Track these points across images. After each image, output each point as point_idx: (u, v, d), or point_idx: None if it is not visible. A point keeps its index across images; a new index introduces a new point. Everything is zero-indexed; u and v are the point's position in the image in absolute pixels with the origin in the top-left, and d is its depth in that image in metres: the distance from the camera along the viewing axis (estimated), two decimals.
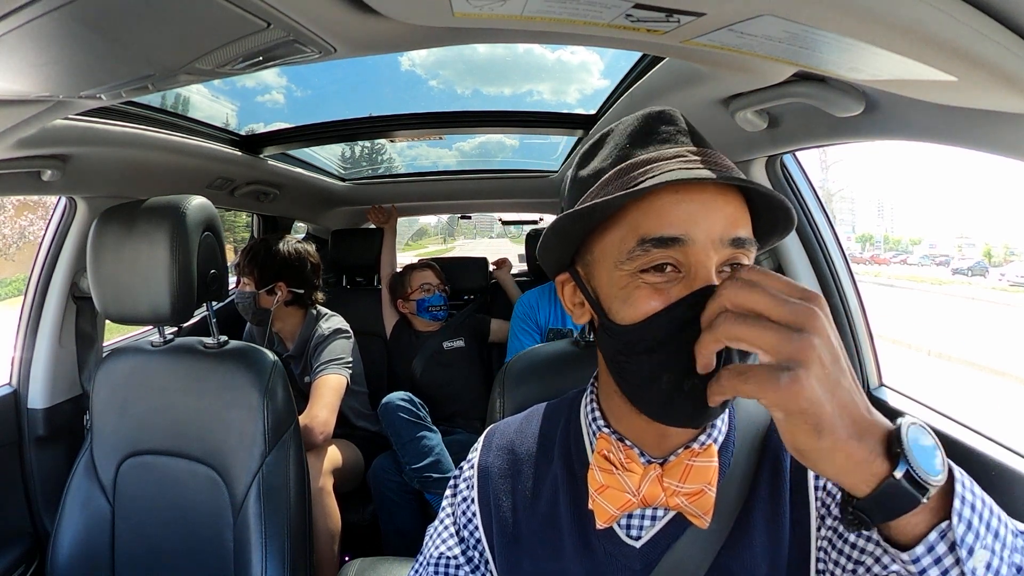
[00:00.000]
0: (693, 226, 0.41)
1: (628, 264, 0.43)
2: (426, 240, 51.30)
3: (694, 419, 0.43)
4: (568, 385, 0.65)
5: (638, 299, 0.43)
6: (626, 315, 0.44)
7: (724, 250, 0.42)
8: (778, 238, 0.48)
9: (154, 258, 0.94)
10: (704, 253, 0.41)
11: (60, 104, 0.71)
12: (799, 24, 0.41)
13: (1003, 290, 17.29)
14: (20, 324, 1.30)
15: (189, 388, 1.02)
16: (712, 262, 0.42)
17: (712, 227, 0.42)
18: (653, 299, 0.42)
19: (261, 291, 1.54)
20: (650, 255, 0.42)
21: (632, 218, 0.44)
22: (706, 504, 0.44)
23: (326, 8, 0.49)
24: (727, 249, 0.42)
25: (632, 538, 0.49)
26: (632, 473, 0.46)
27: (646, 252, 0.42)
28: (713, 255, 0.42)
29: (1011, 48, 0.38)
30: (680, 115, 0.49)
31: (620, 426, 0.51)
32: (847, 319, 1.02)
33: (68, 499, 1.02)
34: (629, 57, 1.06)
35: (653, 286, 0.43)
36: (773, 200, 0.43)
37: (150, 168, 1.24)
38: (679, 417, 0.43)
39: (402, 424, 1.49)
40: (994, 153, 0.55)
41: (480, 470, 0.58)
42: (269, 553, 0.93)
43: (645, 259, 0.42)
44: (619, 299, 0.45)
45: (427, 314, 1.95)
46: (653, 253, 0.42)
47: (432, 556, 0.57)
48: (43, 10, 0.42)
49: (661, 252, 0.42)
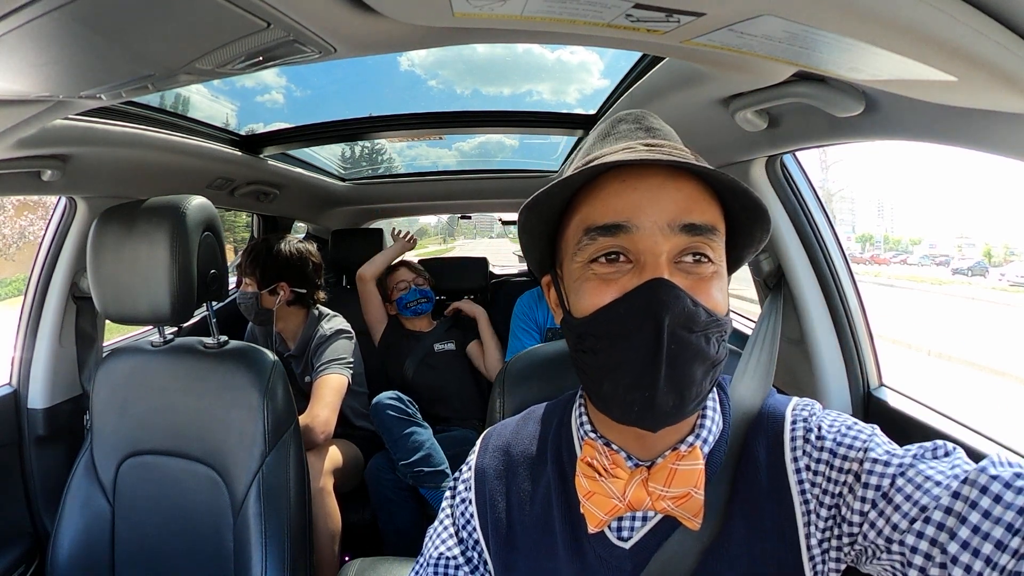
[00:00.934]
0: (638, 213, 0.41)
1: (579, 255, 0.44)
2: (426, 240, 51.28)
3: (648, 420, 0.42)
4: (568, 385, 0.65)
5: (587, 291, 0.44)
6: (579, 308, 0.44)
7: (676, 237, 0.42)
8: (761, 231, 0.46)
9: (154, 258, 0.94)
10: (651, 239, 0.41)
11: (60, 104, 0.71)
12: (799, 24, 0.41)
13: (1003, 290, 17.28)
14: (20, 324, 1.30)
15: (189, 388, 1.02)
16: (662, 249, 0.41)
17: (660, 213, 0.41)
18: (601, 291, 0.43)
19: (263, 291, 1.55)
20: (596, 243, 0.43)
21: (582, 211, 0.45)
22: (694, 507, 0.44)
23: (326, 8, 0.49)
24: (679, 236, 0.42)
25: (622, 540, 0.48)
26: (617, 479, 0.46)
27: (592, 241, 0.43)
28: (662, 242, 0.41)
29: (1011, 48, 0.38)
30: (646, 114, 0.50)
31: (605, 430, 0.50)
32: (847, 319, 1.02)
33: (68, 499, 1.02)
34: (629, 57, 1.06)
35: (602, 277, 0.43)
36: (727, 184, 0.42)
37: (150, 168, 1.24)
38: (632, 416, 0.42)
39: (392, 421, 1.50)
40: (994, 153, 0.55)
41: (477, 472, 0.58)
42: (269, 553, 0.93)
43: (592, 248, 0.43)
44: (574, 292, 0.45)
45: (408, 311, 1.97)
46: (599, 241, 0.43)
47: (432, 557, 0.57)
48: (43, 10, 0.42)
49: (607, 240, 0.42)
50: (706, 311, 0.42)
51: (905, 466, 0.41)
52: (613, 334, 0.42)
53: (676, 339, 0.40)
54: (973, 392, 6.64)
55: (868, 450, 0.43)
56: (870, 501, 0.41)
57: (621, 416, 0.44)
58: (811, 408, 0.50)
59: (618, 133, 0.48)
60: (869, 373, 1.02)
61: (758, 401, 0.52)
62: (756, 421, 0.50)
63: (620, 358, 0.42)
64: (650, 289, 0.40)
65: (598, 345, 0.43)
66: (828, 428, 0.47)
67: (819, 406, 0.51)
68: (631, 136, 0.47)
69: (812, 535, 0.45)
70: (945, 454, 0.42)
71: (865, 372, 1.02)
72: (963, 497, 0.37)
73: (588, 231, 0.43)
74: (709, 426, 0.49)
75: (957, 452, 0.42)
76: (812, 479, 0.46)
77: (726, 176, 0.41)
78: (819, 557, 0.44)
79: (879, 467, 0.42)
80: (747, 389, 0.54)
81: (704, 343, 0.42)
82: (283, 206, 2.09)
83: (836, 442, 0.45)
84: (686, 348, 0.41)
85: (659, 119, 0.50)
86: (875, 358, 1.04)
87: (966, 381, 7.17)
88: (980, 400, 6.28)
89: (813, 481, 0.45)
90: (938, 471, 0.40)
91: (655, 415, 0.41)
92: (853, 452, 0.44)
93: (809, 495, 0.45)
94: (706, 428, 0.49)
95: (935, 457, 0.42)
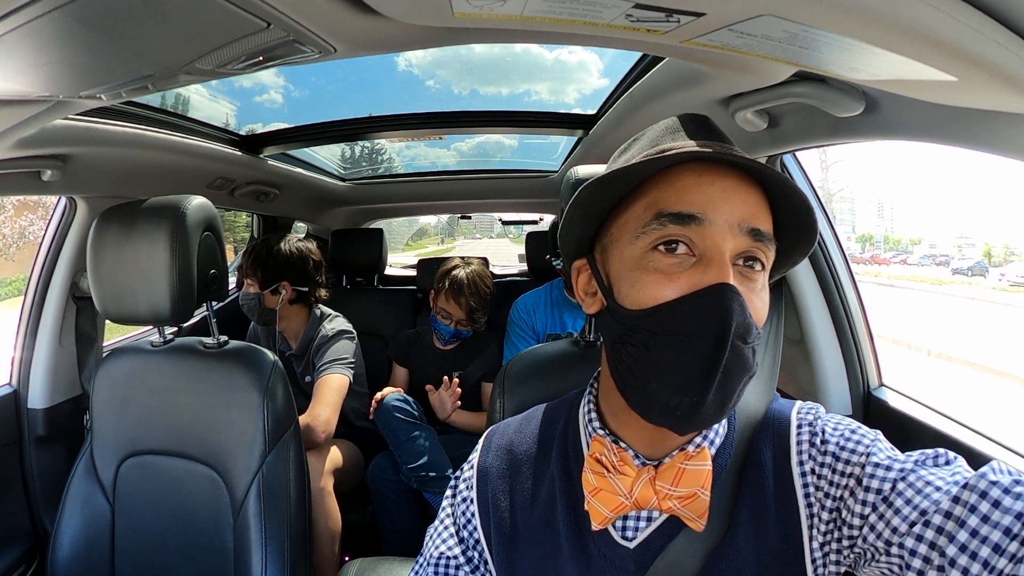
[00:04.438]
0: (712, 207, 0.41)
1: (642, 240, 0.43)
2: (426, 240, 51.28)
3: (680, 424, 0.42)
4: (568, 385, 0.65)
5: (646, 283, 0.43)
6: (633, 299, 0.43)
7: (741, 238, 0.42)
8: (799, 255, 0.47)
9: (154, 258, 0.94)
10: (720, 236, 0.41)
11: (60, 104, 0.71)
12: (799, 24, 0.41)
13: (1003, 290, 17.28)
14: (20, 324, 1.30)
15: (189, 388, 1.02)
16: (728, 247, 0.41)
17: (732, 212, 0.41)
18: (664, 285, 0.42)
19: (266, 291, 1.55)
20: (666, 229, 0.42)
21: (653, 194, 0.44)
22: (700, 507, 0.44)
23: (326, 8, 0.49)
24: (744, 238, 0.42)
25: (627, 539, 0.48)
26: (625, 476, 0.46)
27: (662, 226, 0.42)
28: (730, 240, 0.41)
29: (1011, 48, 0.38)
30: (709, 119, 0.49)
31: (616, 426, 0.50)
32: (847, 319, 1.02)
33: (68, 499, 1.02)
34: (629, 57, 1.06)
35: (663, 272, 0.42)
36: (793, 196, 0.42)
37: (150, 168, 1.24)
38: (674, 419, 0.42)
39: (397, 424, 1.49)
40: (994, 153, 0.55)
41: (479, 471, 0.58)
42: (269, 553, 0.93)
43: (660, 233, 0.42)
44: (627, 281, 0.44)
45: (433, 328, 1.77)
46: (669, 228, 0.42)
47: (432, 556, 0.57)
48: (43, 10, 0.42)
49: (677, 228, 0.42)
50: (754, 323, 0.42)
51: (906, 471, 0.41)
52: (673, 332, 0.41)
53: (734, 349, 0.40)
54: (973, 392, 6.64)
55: (870, 455, 0.43)
56: (870, 504, 0.41)
57: (660, 417, 0.42)
58: (816, 412, 0.50)
59: (689, 130, 0.47)
60: (869, 373, 1.03)
61: (763, 405, 0.52)
62: (761, 424, 0.50)
63: (675, 359, 0.41)
64: (719, 293, 0.40)
65: (652, 341, 0.42)
66: (832, 432, 0.47)
67: (823, 410, 0.51)
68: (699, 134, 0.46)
69: (815, 537, 0.45)
70: (946, 462, 0.42)
71: (865, 372, 1.02)
72: (962, 502, 0.37)
73: (659, 216, 0.42)
74: (716, 428, 0.49)
75: (958, 460, 0.42)
76: (816, 482, 0.46)
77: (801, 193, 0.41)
78: (820, 560, 0.44)
79: (880, 471, 0.42)
80: (752, 392, 0.54)
81: (751, 355, 0.42)
82: (283, 206, 2.09)
83: (839, 446, 0.45)
84: (740, 359, 0.41)
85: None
86: (875, 358, 1.04)
87: (966, 381, 7.17)
88: (980, 400, 6.28)
89: (816, 484, 0.46)
90: (939, 477, 0.40)
91: (696, 421, 0.41)
92: (856, 456, 0.44)
93: (813, 498, 0.45)
94: (713, 430, 0.49)
95: (936, 464, 0.42)
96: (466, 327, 1.72)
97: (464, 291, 1.66)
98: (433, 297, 1.75)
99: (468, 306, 1.67)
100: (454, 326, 1.70)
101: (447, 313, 1.69)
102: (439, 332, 1.73)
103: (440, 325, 1.71)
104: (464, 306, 1.67)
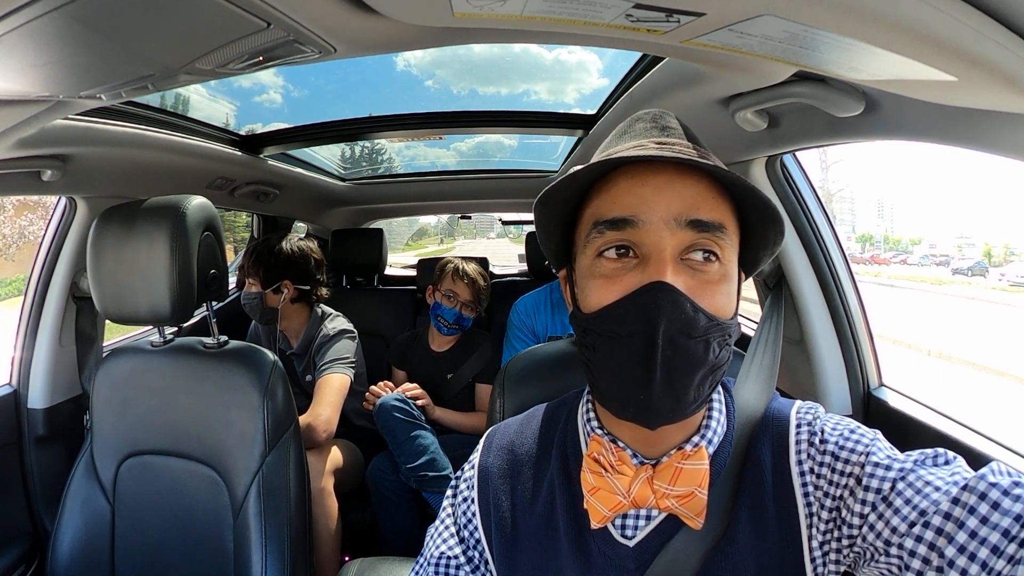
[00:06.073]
0: (645, 207, 0.42)
1: (588, 248, 0.45)
2: (426, 240, 51.29)
3: (644, 418, 0.43)
4: (568, 385, 0.65)
5: (593, 288, 0.45)
6: (586, 303, 0.46)
7: (682, 233, 0.42)
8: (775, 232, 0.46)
9: (154, 258, 0.94)
10: (657, 234, 0.42)
11: (60, 104, 0.71)
12: (799, 24, 0.41)
13: (1003, 290, 17.28)
14: (20, 324, 1.30)
15: (189, 388, 1.02)
16: (667, 244, 0.42)
17: (667, 208, 0.42)
18: (606, 289, 0.43)
19: (267, 291, 1.55)
20: (604, 237, 0.44)
21: (593, 207, 0.46)
22: (697, 506, 0.44)
23: (326, 8, 0.49)
24: (686, 232, 0.42)
25: (626, 538, 0.49)
26: (623, 475, 0.46)
27: (600, 234, 0.44)
28: (668, 237, 0.42)
29: (1011, 48, 0.38)
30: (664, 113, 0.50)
31: (611, 426, 0.51)
32: (847, 319, 1.02)
33: (68, 499, 1.02)
34: (629, 57, 1.06)
35: (607, 276, 0.44)
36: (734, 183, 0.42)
37: (150, 168, 1.24)
38: (629, 413, 0.44)
39: (397, 424, 1.49)
40: (994, 153, 0.55)
41: (480, 471, 0.58)
42: (269, 553, 0.93)
43: (600, 241, 0.44)
44: (582, 288, 0.47)
45: (434, 319, 1.77)
46: (607, 235, 0.44)
47: (433, 556, 0.57)
48: (43, 10, 0.42)
49: (614, 234, 0.43)
50: (707, 316, 0.42)
51: (906, 471, 0.41)
52: (612, 333, 0.43)
53: (672, 345, 0.41)
54: (973, 392, 6.64)
55: (870, 454, 0.44)
56: (870, 504, 0.41)
57: (619, 412, 0.45)
58: (815, 411, 0.50)
59: (634, 131, 0.49)
60: (869, 373, 1.03)
61: (762, 404, 0.52)
62: (760, 424, 0.51)
63: (617, 357, 0.43)
64: (648, 293, 0.41)
65: (598, 342, 0.44)
66: (831, 432, 0.47)
67: (822, 410, 0.51)
68: (645, 134, 0.48)
69: (814, 537, 0.45)
70: (946, 462, 0.42)
71: (865, 372, 1.02)
72: (962, 503, 0.37)
73: (596, 224, 0.44)
74: (714, 427, 0.50)
75: (958, 461, 0.42)
76: (815, 482, 0.46)
77: (732, 174, 0.41)
78: (820, 559, 0.45)
79: (880, 471, 0.42)
80: (751, 392, 0.54)
81: (702, 349, 0.42)
82: (283, 206, 2.09)
83: (839, 446, 0.46)
84: (682, 354, 0.41)
85: (676, 119, 0.51)
86: (875, 358, 1.04)
87: (966, 381, 7.17)
88: (980, 400, 6.28)
89: (816, 484, 0.46)
90: (938, 477, 0.40)
91: (651, 415, 0.42)
92: (855, 456, 0.44)
93: (812, 497, 0.46)
94: (711, 429, 0.49)
95: (936, 464, 0.42)
96: (470, 312, 1.74)
97: (468, 273, 1.74)
98: (433, 288, 1.78)
99: (475, 286, 1.73)
100: (459, 308, 1.72)
101: (453, 293, 1.72)
102: (442, 317, 1.74)
103: (444, 309, 1.73)
104: (471, 285, 1.73)
